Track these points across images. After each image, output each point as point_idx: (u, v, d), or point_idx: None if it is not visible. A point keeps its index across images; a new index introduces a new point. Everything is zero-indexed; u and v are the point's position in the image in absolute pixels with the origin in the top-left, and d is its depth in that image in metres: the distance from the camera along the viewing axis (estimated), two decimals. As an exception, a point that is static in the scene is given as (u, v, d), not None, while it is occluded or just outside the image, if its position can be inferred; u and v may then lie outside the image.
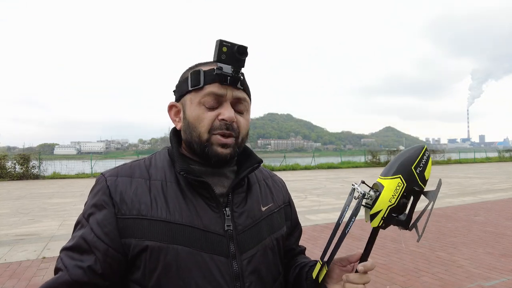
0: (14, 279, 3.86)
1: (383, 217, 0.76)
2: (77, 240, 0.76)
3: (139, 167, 0.84)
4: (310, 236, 5.60)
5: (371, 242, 0.80)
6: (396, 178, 0.76)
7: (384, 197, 0.76)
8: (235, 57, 0.77)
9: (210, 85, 0.80)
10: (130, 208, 0.77)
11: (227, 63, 0.78)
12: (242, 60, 0.79)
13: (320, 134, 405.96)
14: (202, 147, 0.81)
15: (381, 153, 28.51)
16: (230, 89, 0.81)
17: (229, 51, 0.77)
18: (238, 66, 0.79)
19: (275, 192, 0.98)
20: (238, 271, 0.78)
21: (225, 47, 0.76)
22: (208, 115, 0.80)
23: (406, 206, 0.78)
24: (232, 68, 0.79)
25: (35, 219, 7.38)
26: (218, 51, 0.76)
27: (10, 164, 17.94)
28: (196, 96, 0.82)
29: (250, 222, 0.84)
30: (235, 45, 0.77)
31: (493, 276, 3.77)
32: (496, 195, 10.18)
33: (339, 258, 0.84)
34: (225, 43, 0.76)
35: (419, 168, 0.77)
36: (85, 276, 0.73)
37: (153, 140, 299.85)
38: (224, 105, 0.81)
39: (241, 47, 0.77)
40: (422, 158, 0.78)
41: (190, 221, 0.77)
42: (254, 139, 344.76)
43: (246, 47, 0.78)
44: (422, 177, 0.78)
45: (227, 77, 0.79)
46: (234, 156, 0.85)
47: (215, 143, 0.81)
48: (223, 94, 0.80)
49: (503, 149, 38.76)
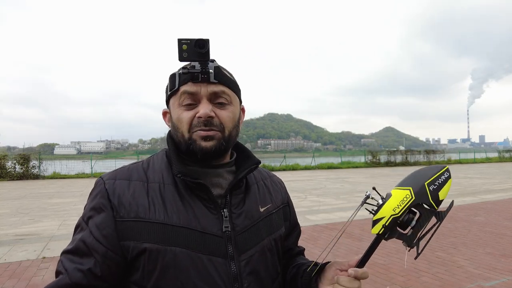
0: (14, 279, 3.86)
1: (384, 224, 0.75)
2: (77, 243, 0.77)
3: (137, 170, 0.85)
4: (310, 236, 5.59)
5: (371, 250, 0.79)
6: (405, 190, 0.76)
7: (389, 206, 0.75)
8: (196, 52, 0.76)
9: (183, 85, 0.81)
10: (128, 210, 0.77)
11: (190, 60, 0.77)
12: (205, 54, 0.77)
13: (320, 134, 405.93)
14: (187, 146, 0.82)
15: (381, 153, 28.50)
16: (204, 86, 0.80)
17: (189, 48, 0.76)
18: (204, 61, 0.78)
19: (273, 193, 0.98)
20: (236, 272, 0.79)
21: (184, 45, 0.75)
22: (186, 114, 0.81)
23: (412, 221, 0.76)
24: (200, 64, 0.79)
25: (35, 219, 7.39)
26: (179, 50, 0.75)
27: (10, 164, 17.95)
28: (175, 99, 0.83)
29: (248, 223, 0.84)
30: (194, 40, 0.76)
31: (493, 276, 3.77)
32: (496, 195, 10.18)
33: (339, 262, 0.84)
34: (184, 41, 0.75)
35: (433, 185, 0.76)
36: (84, 279, 0.74)
37: (153, 140, 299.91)
38: (201, 102, 0.81)
39: (200, 40, 0.76)
40: (440, 177, 0.76)
41: (187, 223, 0.77)
42: (254, 139, 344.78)
43: (206, 40, 0.76)
44: (436, 196, 0.76)
45: (197, 74, 0.79)
46: (222, 150, 0.83)
47: (197, 138, 0.80)
48: (197, 92, 0.80)
49: (503, 149, 38.75)
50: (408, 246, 0.76)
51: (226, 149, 0.85)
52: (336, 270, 0.83)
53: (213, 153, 0.81)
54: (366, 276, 0.78)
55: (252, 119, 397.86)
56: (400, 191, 0.76)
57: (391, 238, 0.77)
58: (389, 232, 0.76)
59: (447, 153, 33.93)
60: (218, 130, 0.81)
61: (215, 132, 0.81)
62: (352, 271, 0.77)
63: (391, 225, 0.75)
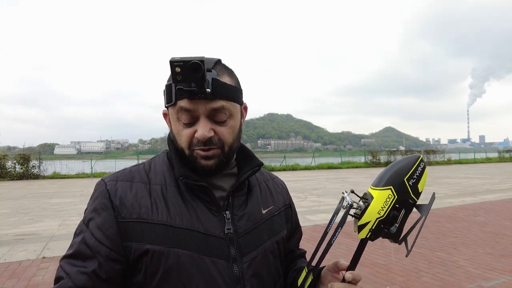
0: (14, 279, 3.86)
1: (371, 229, 0.74)
2: (78, 246, 0.75)
3: (139, 172, 0.84)
4: (310, 237, 5.59)
5: (359, 253, 0.78)
6: (386, 190, 0.73)
7: (373, 209, 0.73)
8: (190, 75, 0.69)
9: (181, 100, 0.75)
10: (130, 211, 0.77)
11: (185, 81, 0.71)
12: (200, 78, 0.70)
13: (320, 134, 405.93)
14: (188, 161, 0.81)
15: (381, 153, 28.49)
16: (201, 103, 0.75)
17: (183, 70, 0.69)
18: (199, 83, 0.71)
19: (275, 195, 0.98)
20: (239, 274, 0.78)
21: (177, 67, 0.68)
22: (186, 132, 0.78)
23: (397, 218, 0.76)
24: (195, 85, 0.72)
25: (35, 219, 7.38)
26: (172, 72, 0.69)
27: (10, 164, 17.92)
28: (173, 111, 0.79)
29: (250, 225, 0.84)
30: (188, 62, 0.68)
31: (493, 276, 3.77)
32: (496, 195, 10.18)
33: (331, 265, 0.83)
34: (176, 63, 0.68)
35: (412, 180, 0.74)
36: (89, 281, 0.72)
37: (153, 140, 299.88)
38: (199, 121, 0.77)
39: (194, 63, 0.68)
40: (417, 170, 0.75)
41: (190, 224, 0.77)
42: (254, 139, 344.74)
43: (201, 62, 0.68)
44: (415, 189, 0.75)
45: (194, 92, 0.73)
46: (223, 165, 0.82)
47: (198, 157, 0.79)
48: (195, 109, 0.75)
49: (503, 149, 38.73)
50: (395, 242, 0.76)
51: (228, 162, 0.84)
52: (332, 275, 0.83)
53: (214, 171, 0.81)
54: (360, 279, 0.77)
55: (252, 119, 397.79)
56: (381, 191, 0.74)
57: (377, 238, 0.76)
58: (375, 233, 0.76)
59: (447, 153, 33.88)
60: (217, 147, 0.79)
61: (214, 151, 0.79)
62: (349, 275, 0.76)
63: (377, 228, 0.74)
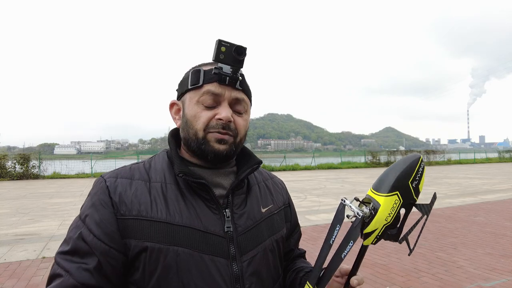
0: (14, 278, 3.86)
1: (378, 235, 0.73)
2: (75, 242, 0.73)
3: (139, 170, 0.84)
4: (310, 237, 5.59)
5: (361, 257, 0.78)
6: (393, 195, 0.72)
7: (381, 217, 0.72)
8: (233, 57, 0.77)
9: (208, 84, 0.80)
10: (130, 208, 0.76)
11: (225, 63, 0.77)
12: (241, 61, 0.78)
13: (320, 134, 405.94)
14: (198, 145, 0.81)
15: (381, 153, 28.49)
16: (228, 89, 0.81)
17: (227, 51, 0.76)
18: (237, 66, 0.79)
19: (275, 194, 0.98)
20: (238, 272, 0.78)
21: (223, 47, 0.76)
22: (205, 113, 0.81)
23: (399, 220, 0.76)
24: (231, 69, 0.79)
25: (35, 219, 7.38)
26: (217, 50, 0.76)
27: (10, 164, 17.92)
28: (195, 95, 0.82)
29: (250, 224, 0.84)
30: (234, 45, 0.76)
31: (493, 276, 3.77)
32: (496, 195, 10.18)
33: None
34: (224, 43, 0.76)
35: (415, 182, 0.74)
36: (92, 278, 0.71)
37: (153, 140, 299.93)
38: (222, 105, 0.81)
39: (240, 47, 0.77)
40: (418, 171, 0.75)
41: (190, 222, 0.77)
42: (254, 139, 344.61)
43: (245, 48, 0.77)
44: (417, 190, 0.75)
45: (226, 77, 0.79)
46: (231, 154, 0.84)
47: (211, 139, 0.80)
48: (221, 94, 0.80)
49: (503, 149, 38.73)
50: (395, 241, 0.76)
51: (235, 154, 0.87)
52: (335, 280, 0.83)
53: (224, 156, 0.82)
54: (363, 282, 0.78)
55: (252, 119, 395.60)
56: (388, 198, 0.72)
57: (379, 241, 0.76)
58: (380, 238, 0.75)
59: (447, 153, 33.88)
60: (232, 135, 0.82)
61: (229, 137, 0.82)
62: (355, 281, 0.76)
63: (383, 233, 0.74)
